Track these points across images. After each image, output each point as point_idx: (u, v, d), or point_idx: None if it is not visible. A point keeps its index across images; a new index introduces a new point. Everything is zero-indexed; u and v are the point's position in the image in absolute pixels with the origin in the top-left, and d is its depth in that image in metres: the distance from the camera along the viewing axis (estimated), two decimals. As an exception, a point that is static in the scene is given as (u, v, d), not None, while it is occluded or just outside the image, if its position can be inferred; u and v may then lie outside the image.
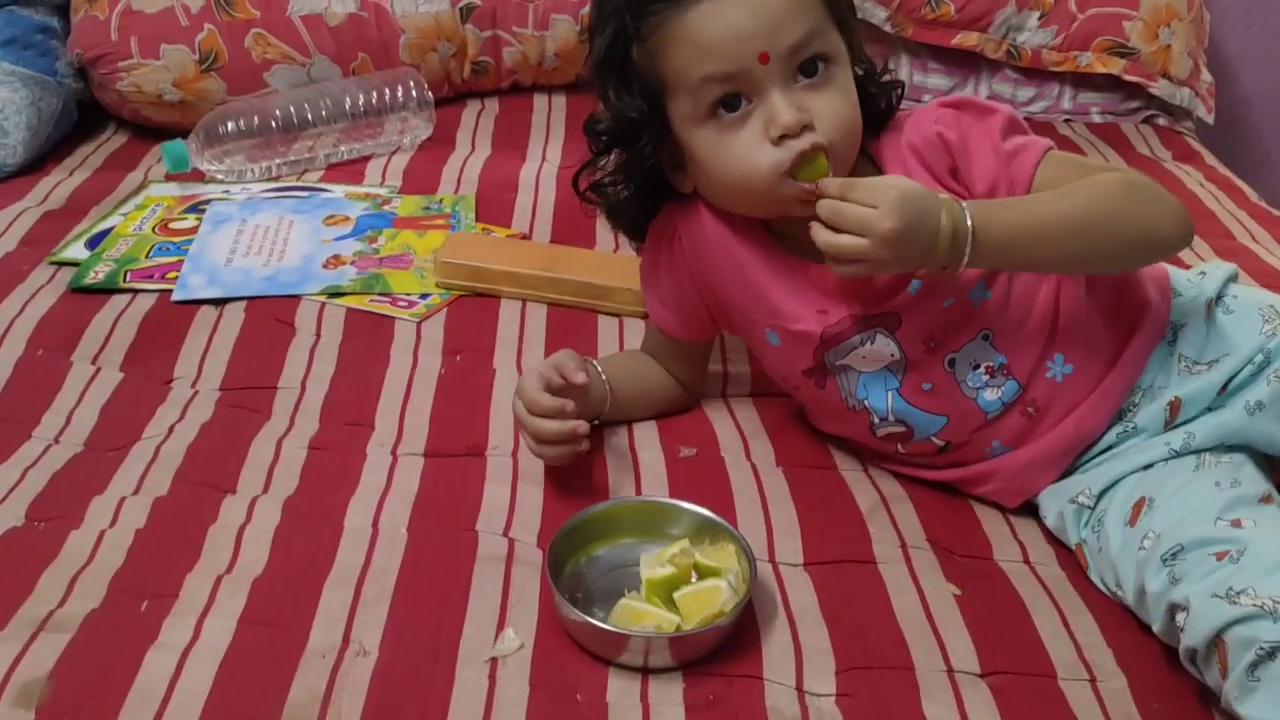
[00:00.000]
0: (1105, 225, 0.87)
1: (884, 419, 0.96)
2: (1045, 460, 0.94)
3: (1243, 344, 0.92)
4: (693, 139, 0.91)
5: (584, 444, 0.94)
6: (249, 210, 1.39)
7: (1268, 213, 1.55)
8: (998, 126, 0.91)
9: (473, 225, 1.39)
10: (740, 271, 0.97)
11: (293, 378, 1.11)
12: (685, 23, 0.87)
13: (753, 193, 0.90)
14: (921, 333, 0.93)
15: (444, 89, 1.71)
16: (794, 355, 0.97)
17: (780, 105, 0.86)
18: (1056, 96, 1.82)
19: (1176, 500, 0.84)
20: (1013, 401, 0.94)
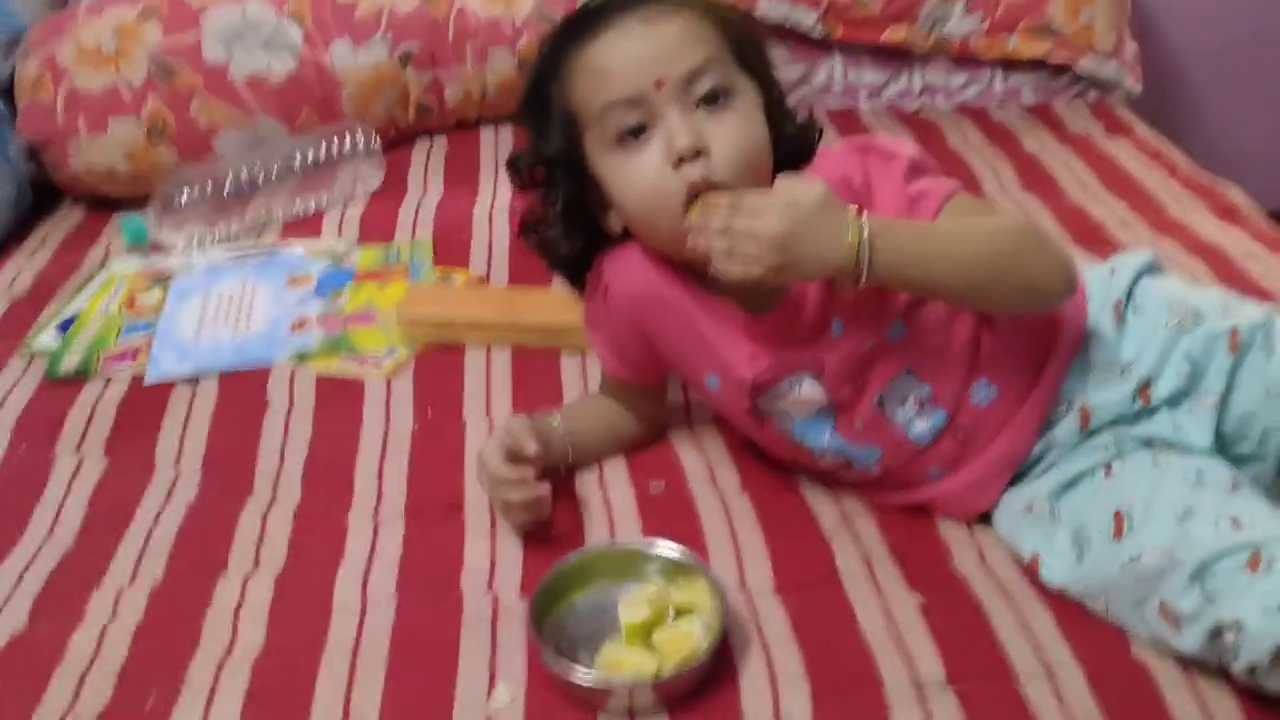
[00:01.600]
0: (994, 263, 0.89)
1: (824, 455, 1.01)
2: (983, 481, 0.99)
3: (1151, 345, 0.96)
4: (603, 168, 0.95)
5: (547, 509, 0.99)
6: (212, 278, 1.42)
7: (1197, 181, 1.61)
8: (901, 170, 0.95)
9: (431, 272, 1.42)
10: (675, 317, 1.01)
11: (271, 449, 1.15)
12: (587, 54, 0.93)
13: (660, 225, 0.94)
14: (846, 375, 0.97)
15: (390, 133, 1.74)
16: (733, 399, 1.02)
17: (676, 125, 0.90)
18: (989, 81, 1.86)
19: (1157, 507, 0.87)
20: (943, 429, 0.98)
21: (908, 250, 0.88)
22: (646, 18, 0.92)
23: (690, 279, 0.99)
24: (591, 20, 0.94)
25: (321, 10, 1.67)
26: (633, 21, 0.92)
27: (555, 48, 0.96)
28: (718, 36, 0.94)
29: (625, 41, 0.92)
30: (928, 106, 1.87)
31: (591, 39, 0.93)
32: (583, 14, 0.96)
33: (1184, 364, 0.96)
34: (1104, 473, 0.94)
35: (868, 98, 1.87)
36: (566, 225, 1.01)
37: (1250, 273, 1.34)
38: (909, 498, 1.02)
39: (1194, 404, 0.95)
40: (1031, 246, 0.91)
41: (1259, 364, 0.95)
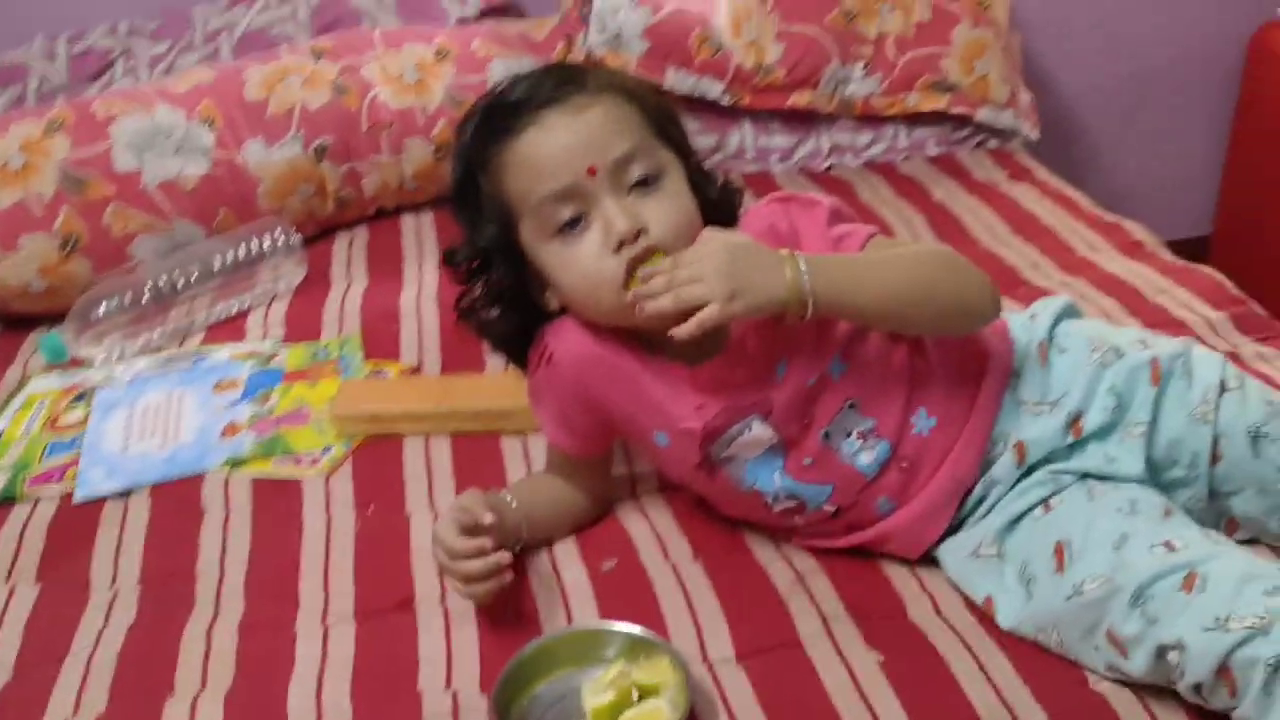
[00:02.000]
0: (921, 286, 0.95)
1: (776, 497, 1.02)
2: (932, 510, 1.01)
3: (1077, 380, 1.00)
4: (543, 257, 0.97)
5: (508, 575, 0.98)
6: (136, 391, 1.39)
7: (1101, 219, 1.67)
8: (823, 216, 1.00)
9: (362, 366, 1.41)
10: (620, 381, 1.02)
11: (210, 560, 1.12)
12: (518, 149, 0.95)
13: (604, 303, 0.96)
14: (793, 413, 0.99)
15: (310, 227, 1.73)
16: (683, 453, 1.03)
17: (613, 212, 0.93)
18: (893, 137, 1.92)
19: (1094, 537, 0.91)
20: (887, 460, 1.01)
21: (843, 279, 0.92)
22: (570, 109, 0.94)
23: (632, 343, 1.02)
24: (515, 114, 0.95)
25: (231, 111, 1.67)
26: (558, 115, 0.94)
27: (480, 141, 0.98)
28: (639, 117, 0.97)
29: (554, 135, 0.94)
30: (837, 165, 1.92)
31: (519, 134, 0.95)
32: (504, 107, 0.97)
33: (1109, 397, 0.99)
34: (1043, 509, 0.97)
35: (779, 160, 1.92)
36: (505, 308, 1.03)
37: (1161, 306, 1.40)
38: (863, 536, 1.04)
39: (1123, 434, 0.99)
40: (954, 267, 0.97)
41: (1181, 392, 1.00)
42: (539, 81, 0.97)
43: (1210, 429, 0.98)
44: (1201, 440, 0.98)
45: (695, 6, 1.84)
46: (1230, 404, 0.98)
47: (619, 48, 1.83)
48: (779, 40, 1.85)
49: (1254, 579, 0.82)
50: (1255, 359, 1.26)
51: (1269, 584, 0.82)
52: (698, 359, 0.99)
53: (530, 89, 0.96)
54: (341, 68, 1.74)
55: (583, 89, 0.96)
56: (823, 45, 1.86)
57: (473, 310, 1.04)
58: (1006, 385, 1.03)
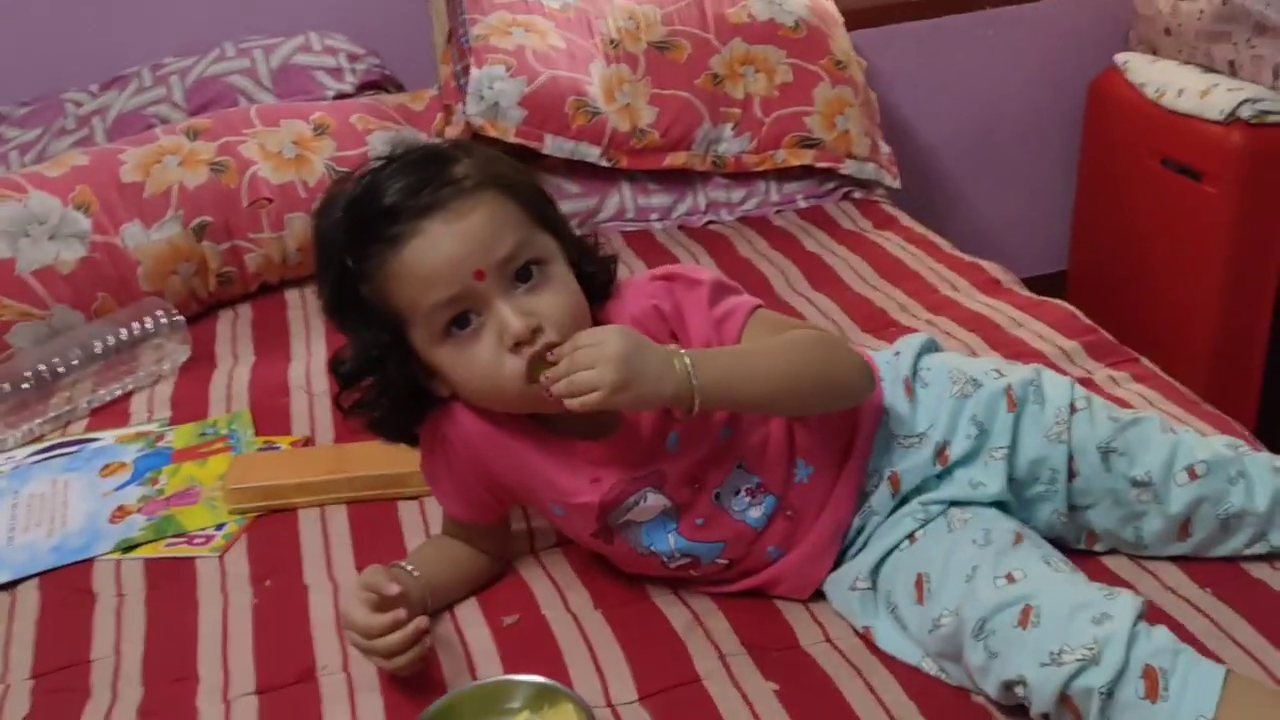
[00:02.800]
0: (803, 375, 0.98)
1: (671, 557, 1.06)
2: (816, 553, 1.06)
3: (941, 412, 1.07)
4: (437, 358, 0.98)
5: (429, 640, 0.99)
6: (19, 480, 1.36)
7: (961, 260, 1.77)
8: (705, 295, 1.02)
9: (253, 441, 1.41)
10: (513, 460, 1.04)
11: (105, 647, 1.10)
12: (401, 260, 0.93)
13: (506, 397, 0.98)
14: (684, 480, 1.03)
15: (192, 306, 1.73)
16: (579, 523, 1.06)
17: (507, 315, 0.94)
18: (765, 192, 2.01)
19: (950, 571, 0.97)
20: (774, 512, 1.05)
21: (727, 377, 0.95)
22: (452, 215, 0.93)
23: (526, 422, 1.03)
24: (392, 220, 0.93)
25: (108, 194, 1.66)
26: (440, 223, 0.93)
27: (356, 247, 0.95)
28: (516, 210, 0.97)
29: (438, 245, 0.93)
30: (714, 221, 1.99)
31: (400, 245, 0.93)
32: (378, 213, 0.94)
33: (971, 426, 1.06)
34: (909, 541, 1.03)
35: (658, 219, 1.98)
36: (396, 403, 1.02)
37: (1019, 338, 1.49)
38: (755, 581, 1.08)
39: (986, 458, 1.05)
40: (828, 352, 1.01)
41: (1035, 415, 1.07)
42: (412, 184, 0.94)
43: (1065, 446, 1.05)
44: (1059, 458, 1.05)
45: (568, 75, 1.91)
46: (1080, 423, 1.06)
47: (497, 117, 1.88)
48: (652, 104, 1.93)
49: (1083, 608, 0.88)
50: (1108, 382, 1.36)
51: (1096, 611, 0.87)
52: (593, 434, 1.02)
53: (404, 193, 0.94)
54: (219, 146, 1.75)
55: (460, 190, 0.94)
56: (694, 107, 1.94)
57: (361, 408, 1.03)
58: (879, 425, 1.08)
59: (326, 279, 0.99)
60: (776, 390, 0.98)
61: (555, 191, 1.92)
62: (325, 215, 0.99)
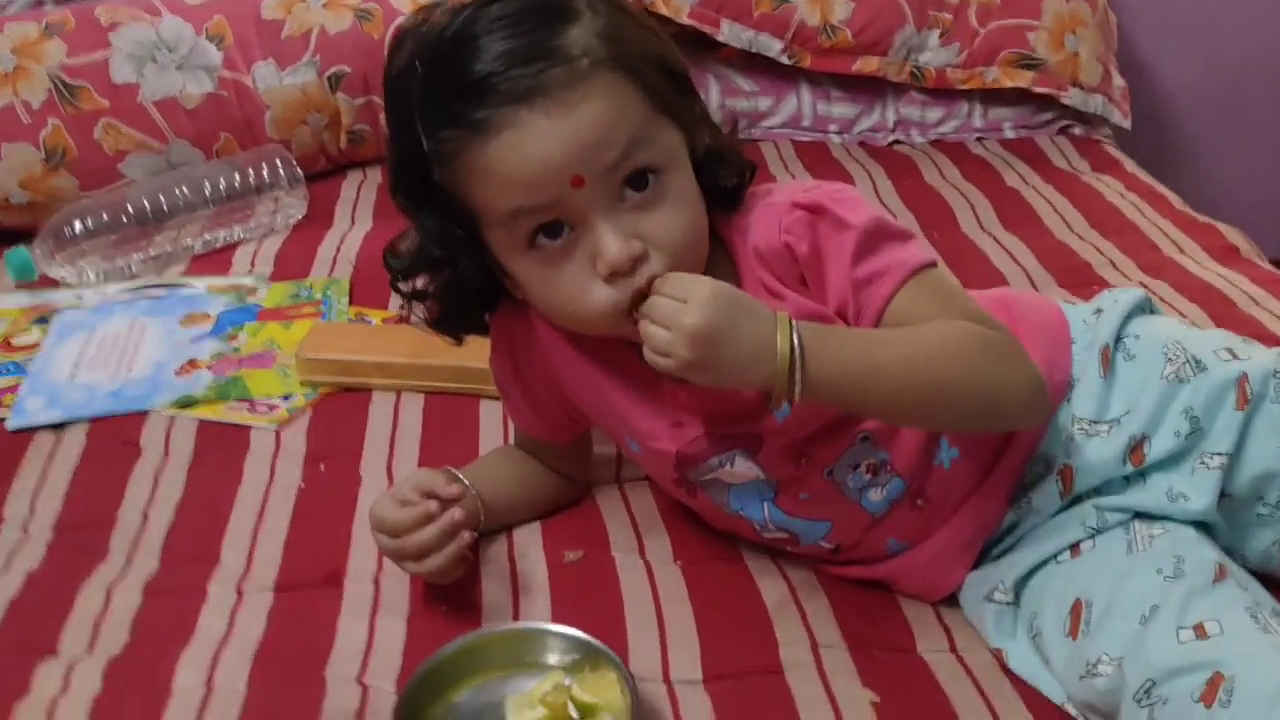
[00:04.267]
0: (947, 385, 0.75)
1: (764, 526, 0.87)
2: (947, 555, 0.85)
3: (1145, 396, 0.82)
4: (515, 268, 0.79)
5: (466, 536, 0.83)
6: (100, 316, 1.27)
7: (1193, 220, 1.48)
8: (851, 245, 0.77)
9: (345, 311, 1.28)
10: (588, 382, 0.86)
11: (134, 509, 0.99)
12: (485, 156, 0.73)
13: (589, 326, 0.79)
14: (787, 454, 0.83)
15: (320, 162, 1.61)
16: (656, 467, 0.88)
17: (607, 238, 0.74)
18: (966, 115, 1.74)
19: (1119, 604, 0.74)
20: (900, 498, 0.84)
21: (844, 371, 0.73)
22: (553, 108, 0.71)
23: (610, 343, 0.84)
24: (479, 101, 0.72)
25: (244, 29, 1.54)
26: (538, 118, 0.72)
27: (432, 122, 0.74)
28: (638, 98, 0.75)
29: (533, 143, 0.72)
30: (901, 141, 1.74)
31: (487, 137, 0.72)
32: (462, 83, 0.73)
33: (1183, 420, 0.82)
34: (1070, 553, 0.80)
35: (838, 132, 1.75)
36: (461, 303, 0.85)
37: (1254, 317, 1.21)
38: (868, 571, 0.88)
39: (1195, 464, 0.81)
40: (992, 362, 0.76)
41: (1274, 418, 0.82)
42: (515, 51, 0.72)
43: (1308, 463, 0.80)
44: None
45: (759, -45, 1.68)
46: (1334, 435, 0.80)
47: (672, -7, 1.67)
48: (850, -2, 1.68)
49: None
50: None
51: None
52: None
53: (501, 63, 0.72)
54: (368, -8, 1.61)
55: (572, 73, 0.72)
56: (898, 7, 1.69)
57: (422, 297, 0.84)
58: (1059, 404, 0.84)
59: (394, 146, 0.79)
60: (907, 403, 0.76)
61: (725, 87, 1.75)
62: (399, 53, 0.77)
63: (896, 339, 0.76)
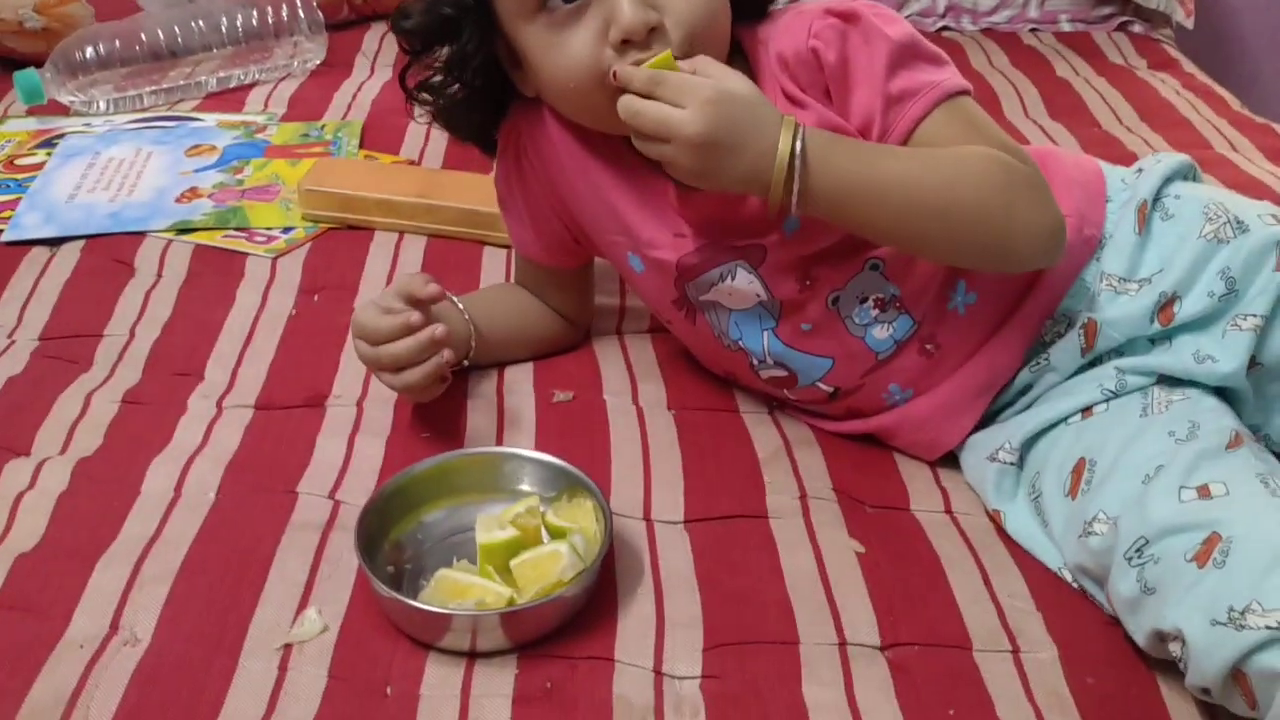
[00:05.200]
0: (957, 215, 0.70)
1: (763, 360, 0.82)
2: (953, 406, 0.80)
3: (1180, 254, 0.77)
4: (521, 36, 0.75)
5: (448, 354, 0.80)
6: (105, 143, 1.24)
7: (1250, 120, 1.40)
8: (884, 57, 0.73)
9: (355, 153, 1.24)
10: (593, 187, 0.82)
11: (121, 324, 0.97)
12: None
13: (593, 106, 0.75)
14: (792, 271, 0.78)
15: (344, 9, 1.56)
16: (658, 284, 0.84)
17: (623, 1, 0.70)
18: (1022, 4, 1.66)
19: (1125, 463, 0.70)
20: (906, 339, 0.80)
21: (848, 181, 0.69)
22: None
23: (617, 146, 0.80)
24: None
25: None
26: None
27: None
28: None
29: None
30: (951, 28, 1.66)
31: None
32: None
33: (1218, 281, 0.77)
34: (1081, 416, 0.76)
35: (884, 14, 1.66)
36: (469, 84, 0.80)
37: (1306, 215, 1.14)
38: (863, 425, 0.84)
39: (1227, 325, 0.76)
40: (1011, 193, 0.71)
41: None
42: None
43: (1349, 334, 0.75)
44: None
45: None
46: (1379, 306, 0.75)
47: None
48: None
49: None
50: None
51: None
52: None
53: None
54: None
55: None
56: (956, -119, 1.59)
57: (427, 85, 0.81)
58: (1086, 262, 0.80)
59: None
60: (914, 227, 0.71)
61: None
62: None
63: (913, 156, 0.71)
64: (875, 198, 0.70)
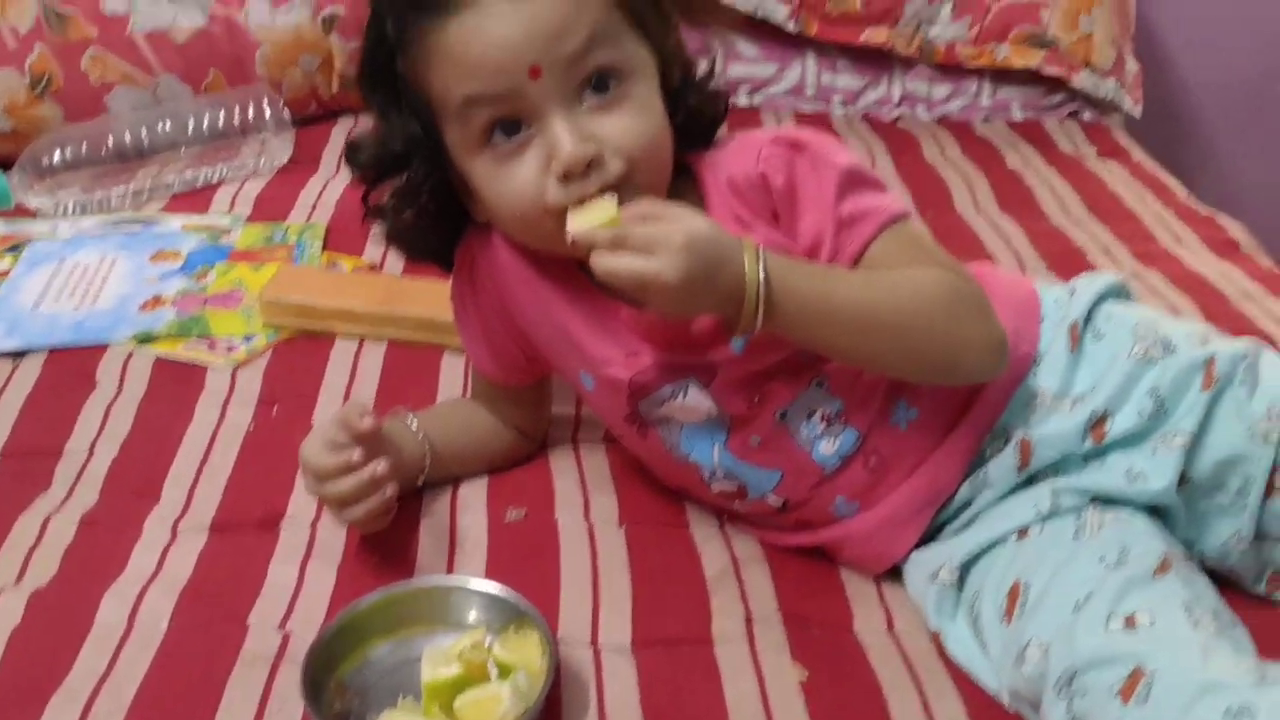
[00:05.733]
0: (908, 333, 0.74)
1: (713, 474, 0.84)
2: (898, 520, 0.82)
3: (1111, 374, 0.80)
4: (469, 168, 0.78)
5: (390, 489, 0.81)
6: (71, 248, 1.26)
7: (1195, 211, 1.44)
8: (833, 182, 0.77)
9: (317, 256, 1.26)
10: (544, 308, 0.84)
11: (82, 440, 0.99)
12: (444, 36, 0.73)
13: (540, 234, 0.77)
14: (741, 387, 0.81)
15: (310, 106, 1.59)
16: (610, 401, 0.86)
17: (562, 135, 0.72)
18: (974, 93, 1.70)
19: (1056, 589, 0.72)
20: (851, 453, 0.82)
21: (808, 302, 0.72)
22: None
23: (569, 267, 0.83)
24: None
25: (239, -36, 1.52)
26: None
27: (398, 9, 0.75)
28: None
29: (491, 25, 0.72)
30: (907, 116, 1.71)
31: (447, 16, 0.73)
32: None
33: (1147, 400, 0.79)
34: (1018, 537, 0.78)
35: (842, 103, 1.71)
36: (424, 211, 0.83)
37: (1245, 313, 1.17)
38: (813, 538, 0.86)
39: (1158, 443, 0.79)
40: (958, 309, 0.75)
41: (1240, 401, 0.79)
42: None
43: (1271, 451, 0.77)
44: (1259, 463, 0.78)
45: (770, -84, 1.64)
46: (1302, 424, 0.77)
47: (677, -48, 1.63)
48: (860, -35, 1.64)
49: (1215, 691, 0.62)
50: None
51: (1233, 701, 0.61)
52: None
53: None
54: (368, -66, 1.57)
55: None
56: (910, -23, 1.64)
57: (383, 210, 0.84)
58: (1023, 376, 0.83)
59: (365, 39, 0.79)
60: (868, 345, 0.75)
61: (728, 53, 1.71)
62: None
63: (863, 277, 0.75)
64: (833, 316, 0.73)
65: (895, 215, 0.78)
